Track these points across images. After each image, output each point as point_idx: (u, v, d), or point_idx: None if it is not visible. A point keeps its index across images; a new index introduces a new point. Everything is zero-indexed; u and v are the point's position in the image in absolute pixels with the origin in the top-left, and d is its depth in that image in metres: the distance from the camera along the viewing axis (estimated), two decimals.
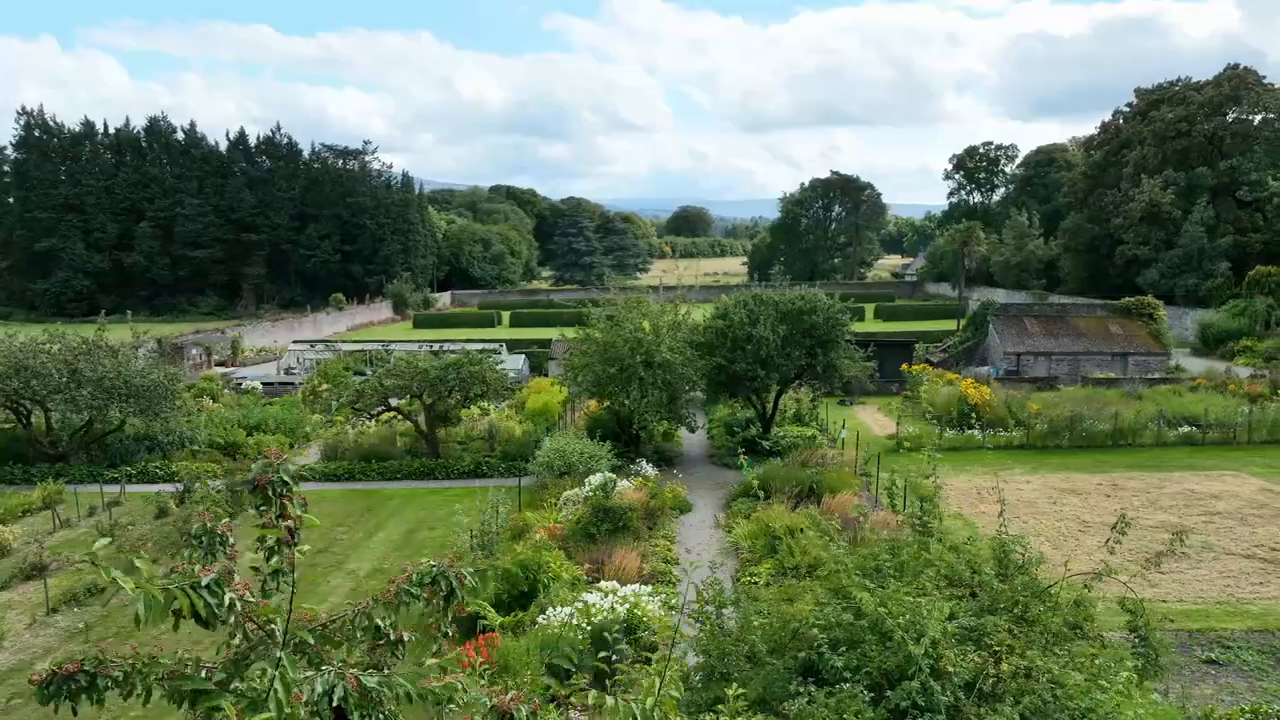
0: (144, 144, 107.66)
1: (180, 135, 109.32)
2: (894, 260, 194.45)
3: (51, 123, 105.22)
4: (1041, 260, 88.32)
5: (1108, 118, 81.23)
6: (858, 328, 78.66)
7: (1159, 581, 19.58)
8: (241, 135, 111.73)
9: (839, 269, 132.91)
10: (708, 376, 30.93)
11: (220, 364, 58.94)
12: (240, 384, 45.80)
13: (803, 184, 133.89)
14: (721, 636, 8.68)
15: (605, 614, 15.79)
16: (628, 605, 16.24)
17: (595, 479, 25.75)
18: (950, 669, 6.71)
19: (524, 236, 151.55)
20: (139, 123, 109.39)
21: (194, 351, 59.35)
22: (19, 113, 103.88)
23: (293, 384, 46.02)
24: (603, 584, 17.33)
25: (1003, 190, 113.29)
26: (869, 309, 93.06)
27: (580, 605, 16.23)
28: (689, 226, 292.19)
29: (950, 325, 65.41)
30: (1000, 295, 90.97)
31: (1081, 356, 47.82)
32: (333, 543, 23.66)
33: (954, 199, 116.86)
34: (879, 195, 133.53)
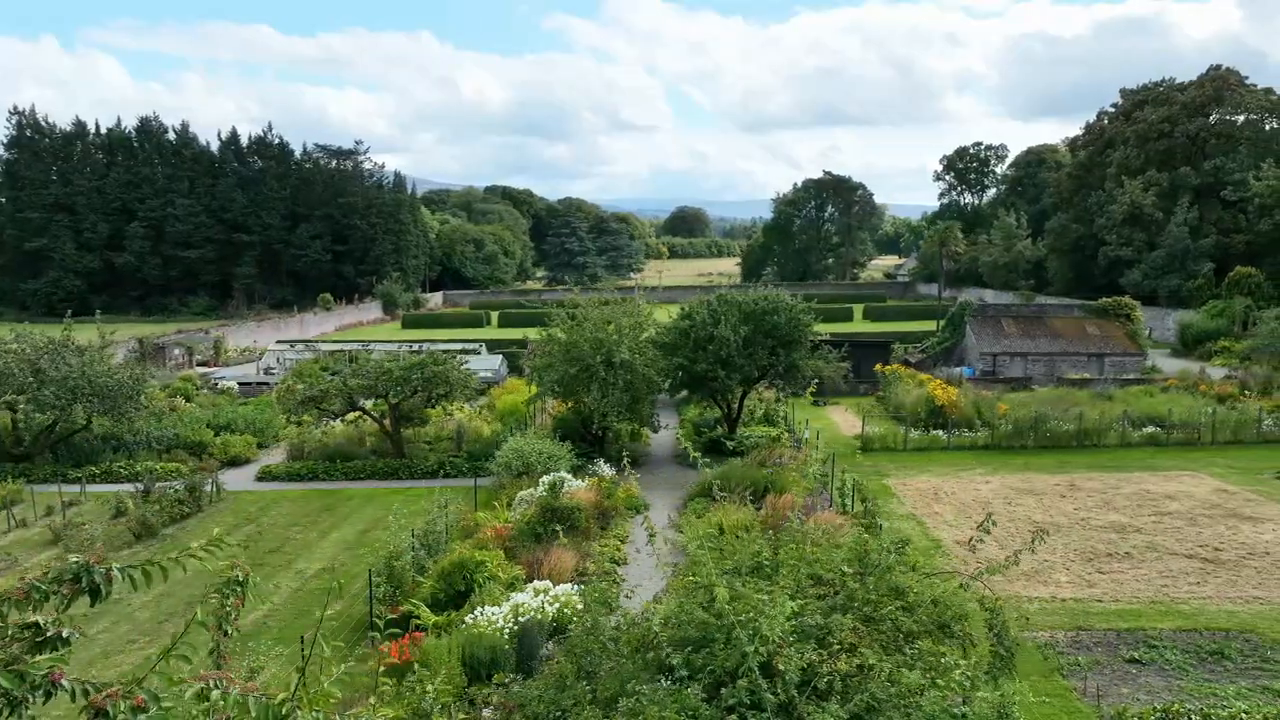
0: (135, 144, 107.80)
1: (172, 135, 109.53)
2: (891, 260, 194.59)
3: (43, 123, 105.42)
4: (1030, 261, 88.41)
5: (1093, 118, 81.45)
6: (845, 328, 79.22)
7: (1097, 582, 19.72)
8: (233, 135, 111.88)
9: (831, 269, 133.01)
10: (670, 377, 31.02)
11: (203, 364, 59.08)
12: (216, 384, 45.90)
13: (795, 184, 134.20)
14: (588, 637, 8.77)
15: (534, 613, 15.90)
16: (558, 605, 16.36)
17: (549, 479, 25.90)
18: (782, 667, 6.78)
19: (518, 237, 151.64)
20: (132, 123, 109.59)
21: (176, 352, 59.51)
22: (11, 112, 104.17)
23: (269, 384, 46.10)
24: (536, 584, 17.42)
25: (994, 191, 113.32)
26: (857, 309, 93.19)
27: (511, 605, 16.35)
28: (686, 227, 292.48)
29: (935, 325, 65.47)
30: (989, 295, 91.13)
31: (1058, 357, 47.88)
32: (285, 543, 23.77)
33: (945, 200, 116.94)
34: (871, 196, 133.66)
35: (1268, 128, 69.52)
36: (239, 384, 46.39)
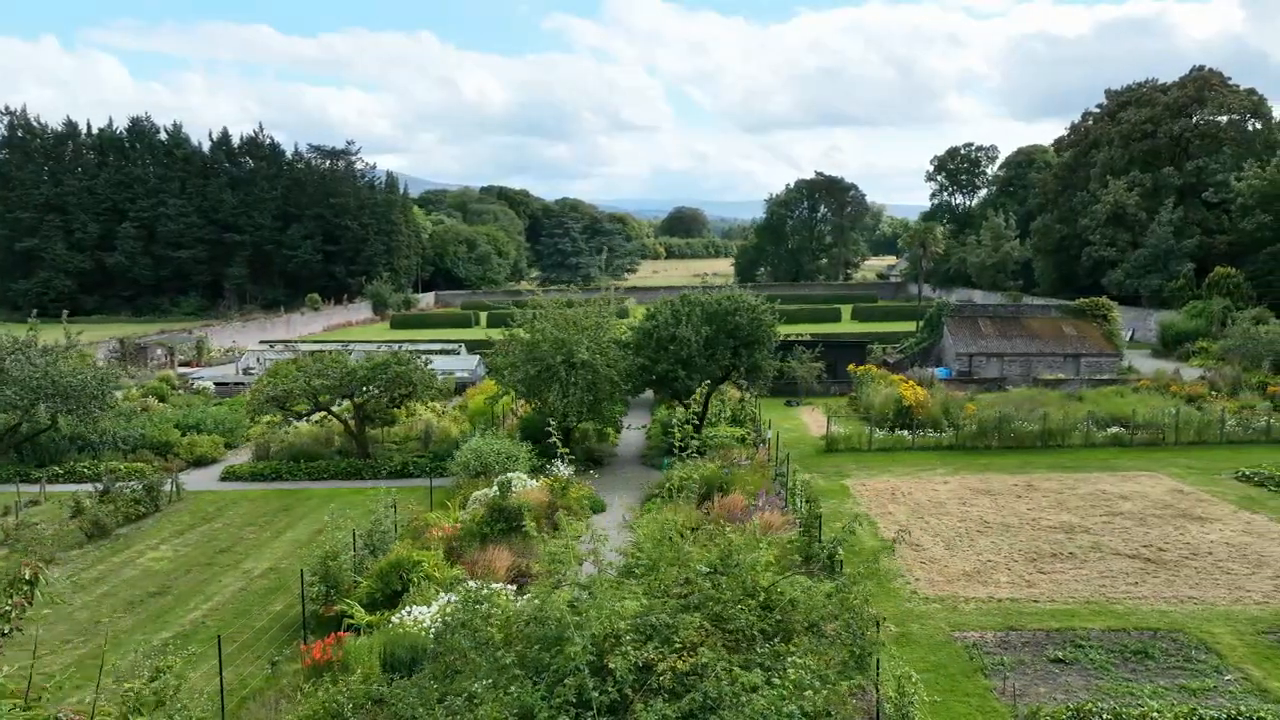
0: (127, 144, 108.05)
1: (163, 135, 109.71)
2: (888, 260, 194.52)
3: (35, 123, 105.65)
4: (1018, 262, 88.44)
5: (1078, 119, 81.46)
6: (832, 328, 79.35)
7: (1037, 582, 19.77)
8: (224, 135, 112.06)
9: (824, 270, 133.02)
10: (633, 377, 31.07)
11: (185, 364, 59.17)
12: (192, 384, 46.01)
13: (788, 185, 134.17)
14: (453, 634, 8.84)
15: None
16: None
17: (512, 479, 25.98)
18: (612, 666, 6.84)
19: (512, 237, 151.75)
20: (123, 124, 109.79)
21: (159, 352, 59.64)
22: (2, 112, 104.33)
23: (246, 385, 46.18)
24: (470, 583, 17.46)
25: (985, 192, 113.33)
26: (846, 310, 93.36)
27: (440, 604, 16.41)
28: (684, 227, 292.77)
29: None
30: (978, 296, 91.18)
31: (1034, 357, 47.94)
32: (238, 542, 23.84)
33: (936, 200, 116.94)
34: (863, 196, 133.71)
35: (1250, 128, 69.58)
36: (215, 384, 46.49)
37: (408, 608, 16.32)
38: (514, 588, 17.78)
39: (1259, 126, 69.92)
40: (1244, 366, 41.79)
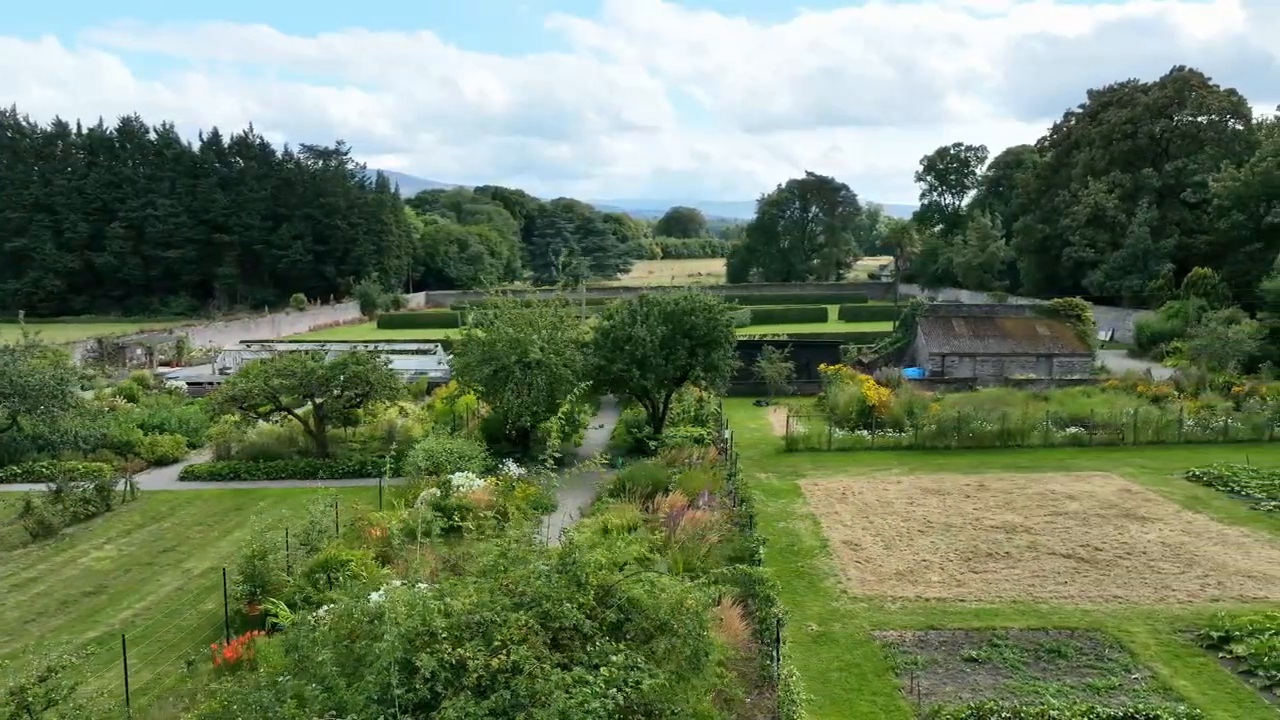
0: (116, 144, 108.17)
1: (153, 136, 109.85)
2: (884, 260, 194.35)
3: (24, 123, 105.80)
4: (1004, 262, 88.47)
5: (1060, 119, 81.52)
6: (818, 328, 79.36)
7: (967, 581, 19.85)
8: (215, 135, 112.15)
9: (816, 270, 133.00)
10: (589, 377, 31.11)
11: (165, 364, 59.28)
12: (165, 383, 46.12)
13: (780, 185, 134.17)
14: (296, 631, 8.94)
15: None
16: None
17: (455, 478, 26.09)
18: (419, 664, 6.92)
19: (506, 237, 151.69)
20: (113, 124, 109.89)
21: (138, 352, 59.76)
22: None
23: (219, 385, 46.30)
24: (394, 583, 17.54)
25: (974, 192, 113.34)
26: (833, 310, 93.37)
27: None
28: (681, 227, 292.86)
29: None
30: (965, 296, 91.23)
31: (1007, 358, 47.96)
32: (183, 542, 23.92)
33: (926, 200, 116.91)
34: (854, 196, 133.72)
35: (1231, 128, 69.54)
36: (189, 384, 46.58)
37: (325, 606, 16.40)
38: (435, 587, 17.91)
39: (1240, 128, 69.93)
40: (1211, 367, 41.81)
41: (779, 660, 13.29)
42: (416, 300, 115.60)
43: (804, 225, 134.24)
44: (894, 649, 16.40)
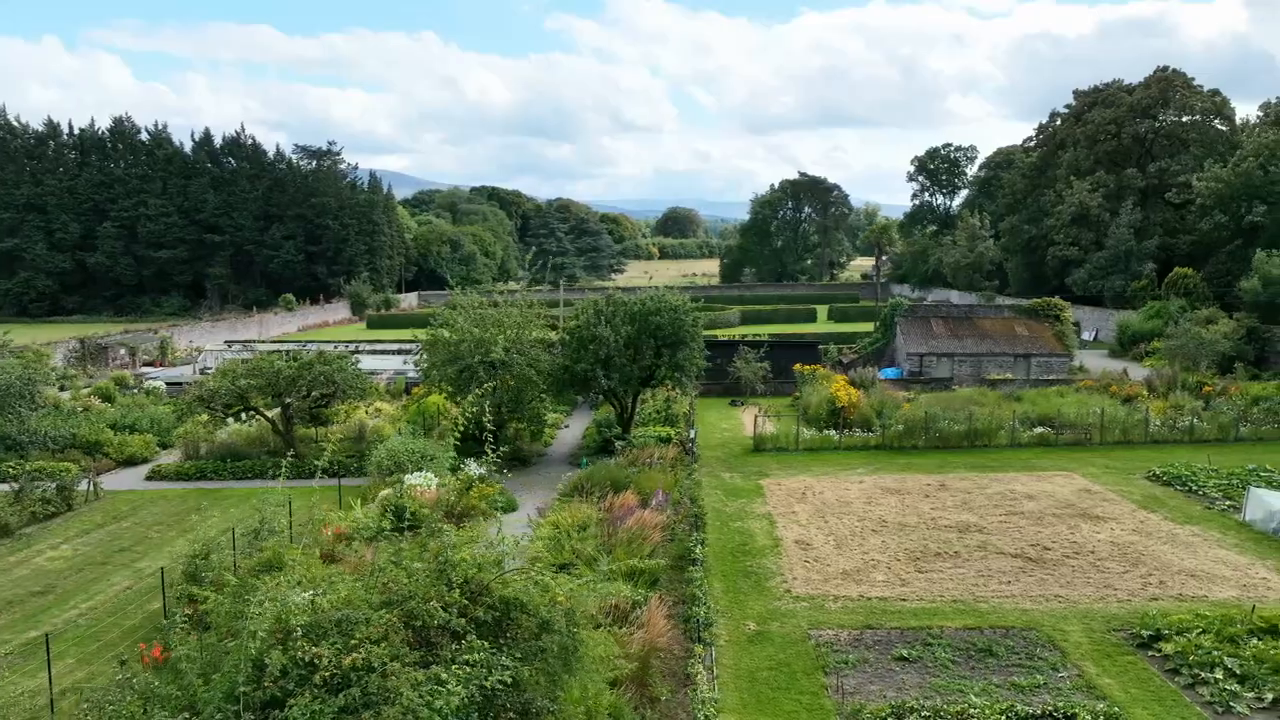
0: (108, 144, 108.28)
1: (145, 135, 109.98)
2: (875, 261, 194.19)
3: (15, 122, 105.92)
4: (993, 262, 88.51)
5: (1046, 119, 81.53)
6: (807, 329, 79.37)
7: (912, 581, 19.91)
8: (206, 136, 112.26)
9: (809, 270, 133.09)
10: (553, 377, 31.23)
11: (149, 364, 59.37)
12: (144, 383, 46.22)
13: (772, 185, 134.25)
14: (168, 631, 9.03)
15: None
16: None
17: (413, 478, 26.16)
18: (268, 663, 6.99)
19: (501, 238, 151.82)
20: (107, 124, 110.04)
21: (121, 352, 59.85)
22: None
23: None
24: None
25: (966, 192, 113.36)
26: (823, 310, 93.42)
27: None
28: (678, 227, 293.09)
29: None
30: (954, 296, 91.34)
31: (985, 358, 48.00)
32: (140, 541, 23.99)
33: (917, 201, 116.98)
34: (847, 197, 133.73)
35: (1215, 127, 69.53)
36: (168, 384, 46.63)
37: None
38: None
39: (1223, 128, 69.94)
40: (1185, 367, 41.85)
41: (696, 658, 13.35)
42: (409, 300, 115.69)
43: (797, 225, 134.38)
44: (828, 648, 16.45)
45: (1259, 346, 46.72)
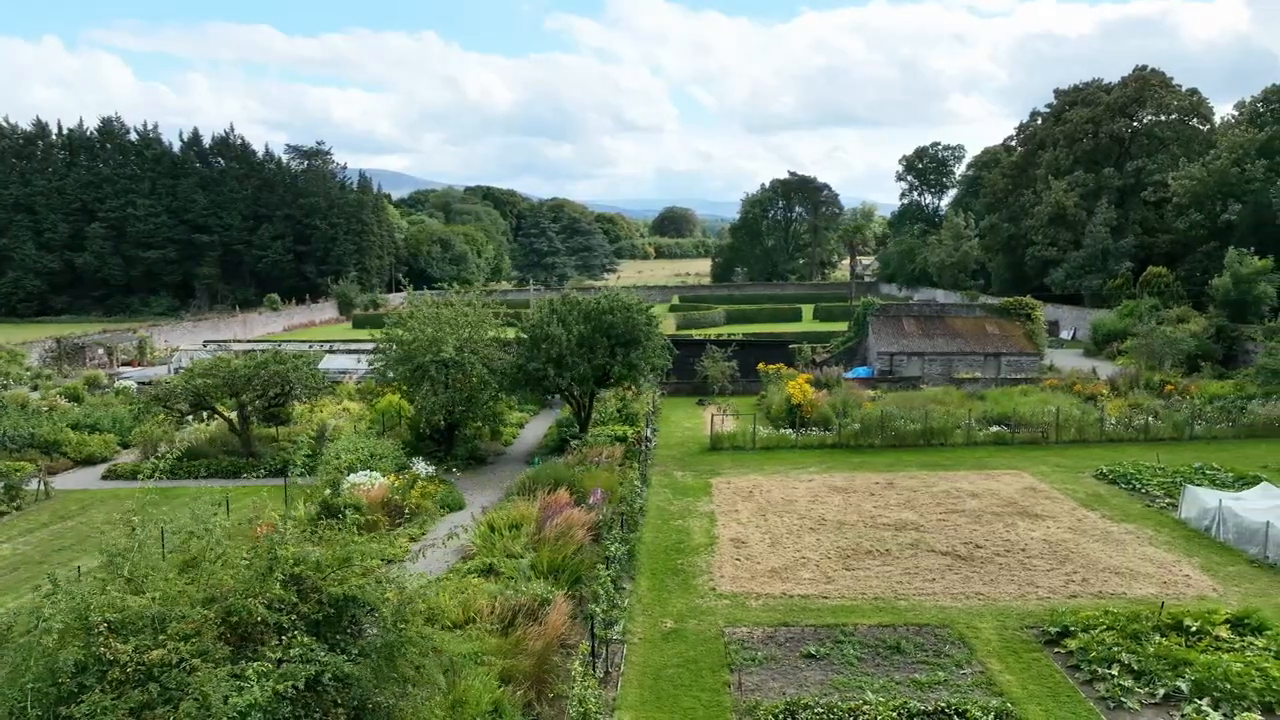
0: (97, 144, 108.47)
1: (134, 136, 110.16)
2: (867, 260, 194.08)
3: (4, 123, 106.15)
4: (977, 261, 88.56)
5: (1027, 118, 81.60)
6: (791, 328, 79.35)
7: (837, 579, 19.98)
8: (195, 135, 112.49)
9: (800, 270, 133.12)
10: (508, 376, 31.29)
11: (127, 363, 59.48)
12: (116, 383, 46.34)
13: (763, 185, 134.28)
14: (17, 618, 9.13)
15: None
16: None
17: (355, 476, 26.26)
18: (60, 659, 7.06)
19: (493, 237, 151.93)
20: (93, 124, 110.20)
21: (99, 351, 59.97)
22: None
23: None
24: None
25: (954, 191, 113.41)
26: (808, 310, 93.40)
27: None
28: (674, 227, 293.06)
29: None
30: (940, 295, 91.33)
31: (955, 357, 48.05)
32: (83, 541, 24.08)
33: (906, 200, 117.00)
34: (837, 196, 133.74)
35: (1193, 127, 69.55)
36: (138, 384, 46.74)
37: None
38: None
39: (1202, 127, 69.95)
40: (1149, 365, 41.89)
41: (583, 656, 13.42)
42: (397, 300, 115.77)
43: (788, 225, 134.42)
44: (739, 646, 16.53)
45: (1227, 345, 46.75)
